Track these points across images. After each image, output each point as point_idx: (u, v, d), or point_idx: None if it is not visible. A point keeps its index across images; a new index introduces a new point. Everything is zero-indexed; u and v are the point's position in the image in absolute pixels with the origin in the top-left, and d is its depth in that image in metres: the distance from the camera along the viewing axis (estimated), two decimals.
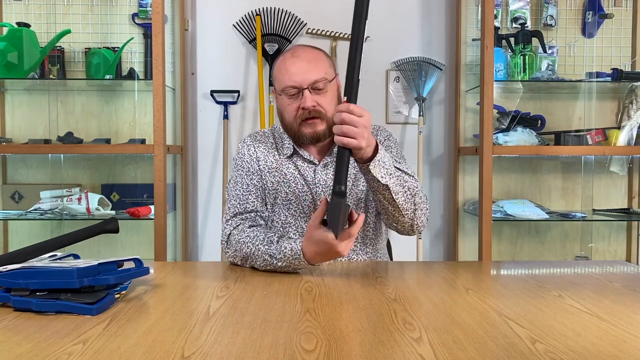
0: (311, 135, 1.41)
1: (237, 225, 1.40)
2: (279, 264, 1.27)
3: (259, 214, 1.46)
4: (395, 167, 1.30)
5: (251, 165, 1.48)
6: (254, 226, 1.41)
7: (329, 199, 1.17)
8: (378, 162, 1.24)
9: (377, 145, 1.24)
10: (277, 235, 1.33)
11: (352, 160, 1.23)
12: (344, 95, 1.17)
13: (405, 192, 1.31)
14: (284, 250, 1.26)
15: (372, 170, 1.24)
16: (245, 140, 1.53)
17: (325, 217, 1.18)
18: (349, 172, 1.43)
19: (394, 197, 1.29)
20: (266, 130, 1.57)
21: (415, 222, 1.37)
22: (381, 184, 1.26)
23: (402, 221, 1.36)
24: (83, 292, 0.96)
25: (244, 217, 1.44)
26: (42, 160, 2.71)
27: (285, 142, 1.49)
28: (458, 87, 2.73)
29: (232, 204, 1.46)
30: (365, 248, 1.49)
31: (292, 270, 1.29)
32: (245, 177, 1.47)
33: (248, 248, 1.32)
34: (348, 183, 1.45)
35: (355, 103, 1.17)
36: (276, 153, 1.50)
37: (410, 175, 1.35)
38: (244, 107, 2.76)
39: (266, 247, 1.30)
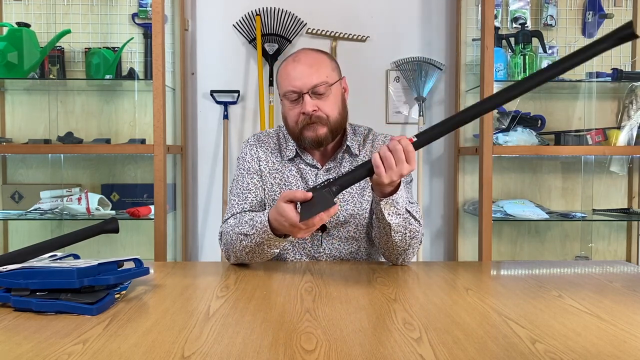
0: (313, 139, 1.40)
1: (230, 222, 1.41)
2: (253, 240, 1.29)
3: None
4: (406, 209, 1.30)
5: (252, 166, 1.48)
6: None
7: (316, 188, 1.15)
8: (392, 201, 1.24)
9: (398, 185, 1.24)
10: (250, 214, 1.35)
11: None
12: (415, 136, 1.16)
13: (405, 234, 1.32)
14: (256, 225, 1.28)
15: (382, 206, 1.25)
16: (249, 140, 1.53)
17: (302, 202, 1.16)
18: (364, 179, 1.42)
19: (392, 234, 1.30)
20: (271, 130, 1.56)
21: (402, 257, 1.38)
22: (385, 221, 1.27)
23: (390, 251, 1.36)
24: (83, 292, 0.96)
25: (239, 216, 1.44)
26: (42, 160, 2.71)
27: (289, 144, 1.49)
28: (458, 87, 2.73)
29: (232, 204, 1.46)
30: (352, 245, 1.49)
31: (268, 249, 1.30)
32: (247, 176, 1.47)
33: (230, 237, 1.35)
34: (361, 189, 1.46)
35: (416, 149, 1.16)
36: (278, 154, 1.49)
37: (417, 220, 1.34)
38: (244, 107, 2.76)
39: (240, 227, 1.32)
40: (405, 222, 1.30)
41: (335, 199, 1.14)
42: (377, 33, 2.74)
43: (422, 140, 1.16)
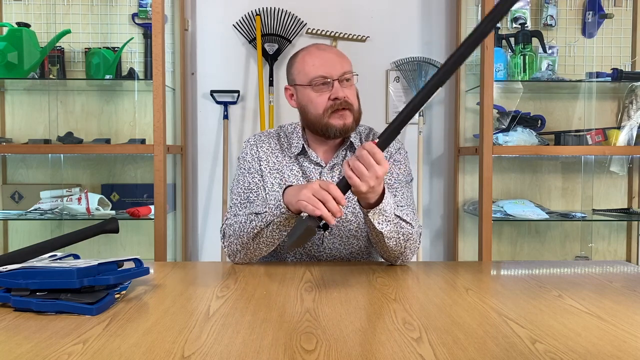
0: (341, 127, 1.40)
1: (231, 219, 1.41)
2: (264, 219, 1.28)
3: None
4: (395, 214, 1.29)
5: (252, 165, 1.48)
6: None
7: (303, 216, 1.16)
8: (379, 210, 1.23)
9: (383, 192, 1.23)
10: (258, 200, 1.36)
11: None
12: (378, 137, 1.16)
13: (398, 238, 1.31)
14: (269, 203, 1.28)
15: (370, 217, 1.24)
16: (249, 140, 1.53)
17: None
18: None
19: (386, 241, 1.30)
20: (271, 130, 1.56)
21: (401, 259, 1.38)
22: (376, 230, 1.27)
23: (387, 255, 1.37)
24: (83, 292, 0.96)
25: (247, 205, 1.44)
26: (42, 160, 2.71)
27: (293, 141, 1.48)
28: (458, 87, 2.73)
29: (234, 203, 1.46)
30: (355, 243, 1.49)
31: (277, 231, 1.29)
32: (248, 175, 1.47)
33: (237, 224, 1.35)
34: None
35: (383, 149, 1.15)
36: (279, 154, 1.49)
37: (408, 222, 1.33)
38: (243, 107, 2.76)
39: (251, 208, 1.34)
40: (397, 227, 1.29)
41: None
42: (377, 33, 2.74)
43: (384, 139, 1.15)
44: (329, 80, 1.38)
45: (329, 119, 1.39)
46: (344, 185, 1.16)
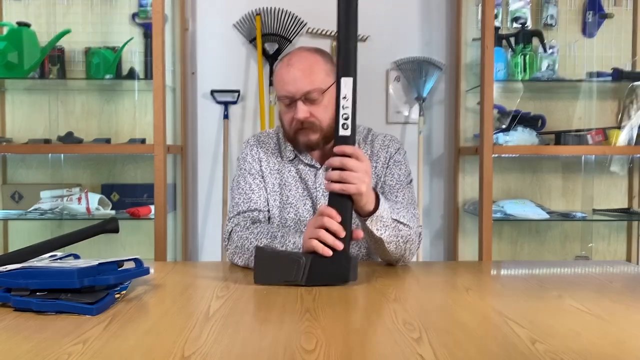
0: (305, 143, 1.41)
1: (240, 222, 1.40)
2: None
3: (262, 212, 1.46)
4: (392, 218, 1.27)
5: (253, 166, 1.48)
6: (256, 223, 1.41)
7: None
8: (377, 217, 1.23)
9: (377, 197, 1.22)
10: (280, 230, 1.33)
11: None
12: (335, 143, 1.16)
13: (398, 241, 1.30)
14: (287, 244, 1.27)
15: (368, 225, 1.23)
16: (249, 141, 1.53)
17: None
18: None
19: (386, 246, 1.29)
20: (270, 131, 1.57)
21: (402, 260, 1.37)
22: (376, 237, 1.26)
23: (389, 259, 1.36)
24: (83, 292, 0.96)
25: (247, 215, 1.44)
26: (42, 160, 2.71)
27: (288, 145, 1.49)
28: (458, 87, 2.73)
29: (236, 202, 1.46)
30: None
31: None
32: (249, 176, 1.47)
33: (250, 243, 1.32)
34: None
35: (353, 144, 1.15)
36: (278, 155, 1.50)
37: (405, 224, 1.31)
38: (244, 107, 2.76)
39: (269, 241, 1.30)
40: (395, 231, 1.28)
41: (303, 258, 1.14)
42: (377, 33, 2.74)
43: (345, 137, 1.16)
44: (292, 99, 1.38)
45: (294, 134, 1.42)
46: (348, 204, 1.16)
